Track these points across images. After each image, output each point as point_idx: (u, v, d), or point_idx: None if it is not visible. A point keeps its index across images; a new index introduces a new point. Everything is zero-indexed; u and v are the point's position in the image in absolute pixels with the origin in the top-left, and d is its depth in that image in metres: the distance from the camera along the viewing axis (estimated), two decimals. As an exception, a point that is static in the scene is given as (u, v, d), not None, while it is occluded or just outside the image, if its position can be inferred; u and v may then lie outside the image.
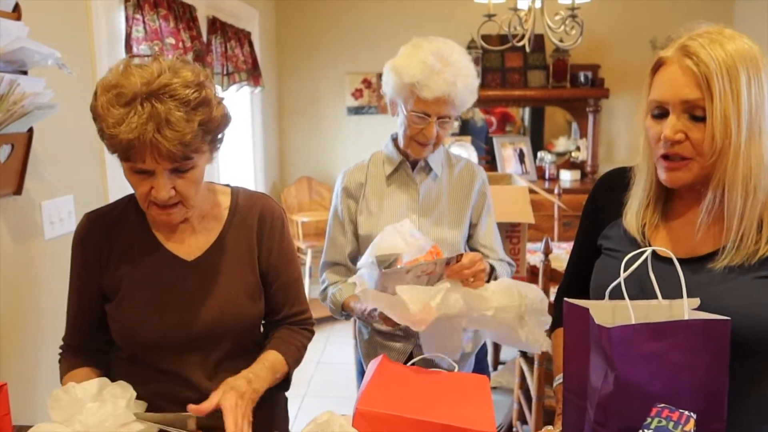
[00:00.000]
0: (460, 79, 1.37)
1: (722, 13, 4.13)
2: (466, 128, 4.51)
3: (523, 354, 2.54)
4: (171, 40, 2.46)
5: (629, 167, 1.11)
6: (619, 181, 1.10)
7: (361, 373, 1.63)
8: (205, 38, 2.97)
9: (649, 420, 0.71)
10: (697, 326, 0.83)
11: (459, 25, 3.74)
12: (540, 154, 4.37)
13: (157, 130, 0.95)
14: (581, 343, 0.90)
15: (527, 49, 2.80)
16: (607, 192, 1.13)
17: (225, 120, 1.09)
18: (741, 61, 0.88)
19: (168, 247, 1.17)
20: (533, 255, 2.97)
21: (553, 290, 2.42)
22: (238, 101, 3.77)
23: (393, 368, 1.10)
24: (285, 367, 1.21)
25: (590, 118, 4.16)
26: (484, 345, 1.61)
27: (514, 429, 2.64)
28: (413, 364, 1.18)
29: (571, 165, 4.30)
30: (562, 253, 2.86)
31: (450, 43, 1.42)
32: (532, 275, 2.59)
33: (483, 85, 4.16)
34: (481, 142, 4.41)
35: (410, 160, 1.52)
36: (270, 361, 1.19)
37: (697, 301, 0.89)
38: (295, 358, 1.25)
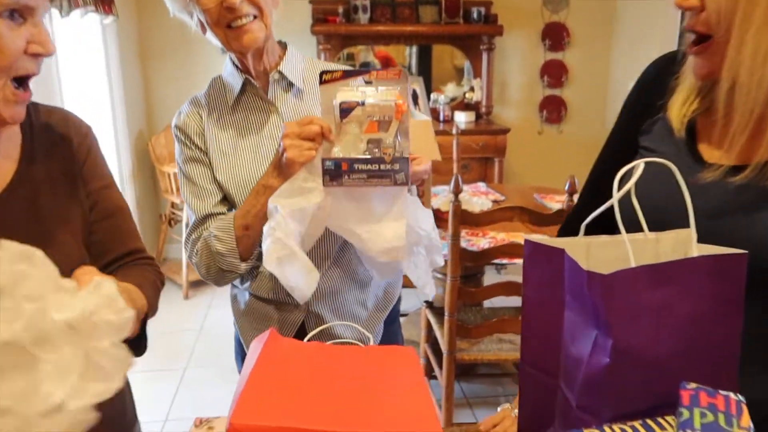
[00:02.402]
0: None
1: (610, -51, 4.06)
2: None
3: (429, 304, 2.34)
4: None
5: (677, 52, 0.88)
6: (670, 65, 0.88)
7: (241, 355, 1.30)
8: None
9: (684, 412, 0.48)
10: (707, 265, 0.60)
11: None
12: (433, 95, 4.15)
13: None
14: (549, 297, 0.65)
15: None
16: (654, 78, 0.91)
17: None
18: None
19: None
20: (433, 198, 2.76)
21: (470, 240, 2.22)
22: (87, 34, 3.15)
23: (285, 349, 0.80)
24: (144, 304, 0.87)
25: (484, 57, 3.97)
26: (397, 304, 1.34)
27: (420, 386, 2.46)
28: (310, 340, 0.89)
29: (466, 106, 4.12)
30: (464, 196, 2.66)
31: None
32: (437, 219, 2.37)
33: (372, 20, 3.83)
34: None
35: (257, 78, 1.15)
36: (125, 287, 0.82)
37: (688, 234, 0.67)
38: (153, 296, 0.92)
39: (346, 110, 0.97)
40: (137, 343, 0.89)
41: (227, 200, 1.17)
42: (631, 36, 4.02)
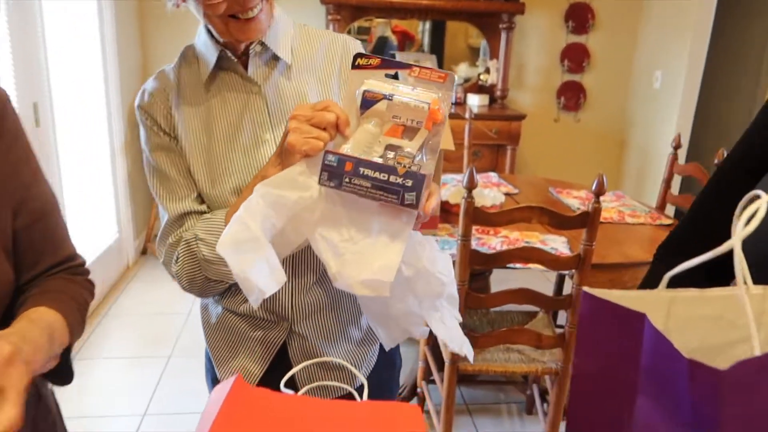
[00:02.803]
0: None
1: (643, -74, 3.79)
2: (382, 48, 3.94)
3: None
4: None
5: None
6: None
7: (212, 374, 1.10)
8: None
9: None
10: None
11: None
12: (446, 75, 3.93)
13: None
14: (613, 374, 0.47)
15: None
16: None
17: None
18: None
19: None
20: (442, 188, 2.56)
21: (480, 238, 2.03)
22: (80, 6, 2.93)
23: (253, 403, 0.62)
24: (66, 334, 0.73)
25: (502, 36, 3.74)
26: None
27: (418, 389, 2.30)
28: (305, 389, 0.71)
29: (479, 89, 3.90)
30: (476, 188, 2.46)
31: None
32: (444, 213, 2.18)
33: (386, -9, 3.59)
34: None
35: (237, 50, 0.95)
36: (45, 321, 0.70)
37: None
38: (78, 321, 0.77)
39: (368, 102, 0.77)
40: (62, 374, 0.72)
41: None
42: (661, 22, 3.77)
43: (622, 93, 4.07)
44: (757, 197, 0.46)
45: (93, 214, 3.10)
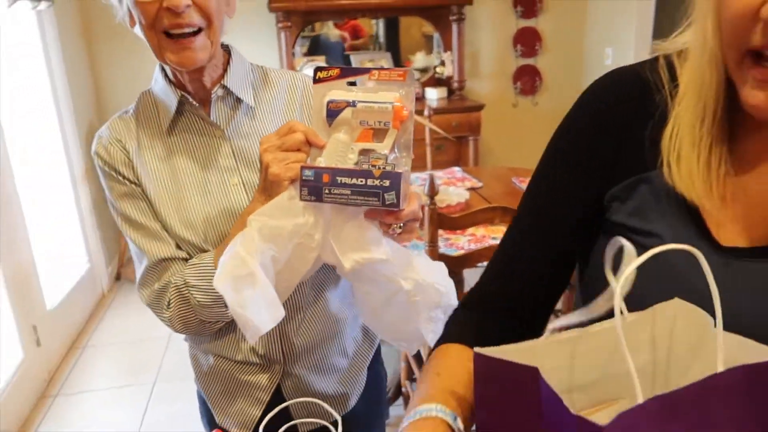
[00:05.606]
0: None
1: None
2: (317, 46, 3.93)
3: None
4: None
5: (643, 65, 0.63)
6: (644, 94, 0.61)
7: (207, 416, 1.12)
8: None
9: None
10: (739, 379, 0.45)
11: None
12: (402, 71, 3.95)
13: None
14: (519, 426, 0.51)
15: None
16: (609, 118, 0.63)
17: None
18: None
19: None
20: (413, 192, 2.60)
21: (448, 238, 2.07)
22: (20, 23, 2.86)
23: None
24: None
25: (454, 28, 3.77)
26: (378, 347, 1.18)
27: (403, 389, 2.35)
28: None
29: (437, 82, 3.93)
30: (440, 187, 2.51)
31: None
32: (411, 217, 2.22)
33: (334, -7, 3.59)
34: (337, 62, 3.88)
35: (198, 94, 0.96)
36: None
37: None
38: None
39: (334, 112, 0.79)
40: None
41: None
42: None
43: (577, 72, 4.15)
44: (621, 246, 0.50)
45: (61, 246, 3.06)
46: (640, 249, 0.49)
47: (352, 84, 0.80)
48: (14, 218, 2.49)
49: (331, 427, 0.80)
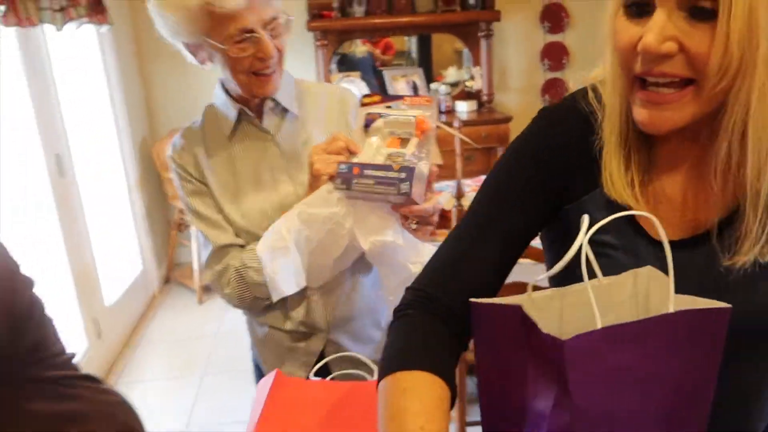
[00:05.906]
0: None
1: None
2: (345, 61, 4.14)
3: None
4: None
5: (576, 96, 0.75)
6: (584, 122, 0.73)
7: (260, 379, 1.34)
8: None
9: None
10: (686, 320, 0.58)
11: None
12: (433, 86, 4.13)
13: None
14: (506, 357, 0.65)
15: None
16: (563, 141, 0.74)
17: None
18: None
19: None
20: (437, 196, 2.76)
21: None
22: (83, 44, 3.15)
23: (291, 391, 0.82)
24: None
25: (483, 44, 3.94)
26: None
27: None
28: (333, 377, 0.92)
29: (467, 95, 4.10)
30: (468, 193, 2.67)
31: None
32: (441, 219, 2.38)
33: (368, 12, 3.80)
34: (370, 77, 4.07)
35: (252, 106, 1.16)
36: None
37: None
38: None
39: (370, 121, 1.04)
40: None
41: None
42: (631, 14, 3.96)
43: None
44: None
45: (118, 250, 3.32)
46: (598, 258, 0.62)
47: (389, 108, 1.05)
48: (78, 223, 2.75)
49: (367, 375, 0.97)
